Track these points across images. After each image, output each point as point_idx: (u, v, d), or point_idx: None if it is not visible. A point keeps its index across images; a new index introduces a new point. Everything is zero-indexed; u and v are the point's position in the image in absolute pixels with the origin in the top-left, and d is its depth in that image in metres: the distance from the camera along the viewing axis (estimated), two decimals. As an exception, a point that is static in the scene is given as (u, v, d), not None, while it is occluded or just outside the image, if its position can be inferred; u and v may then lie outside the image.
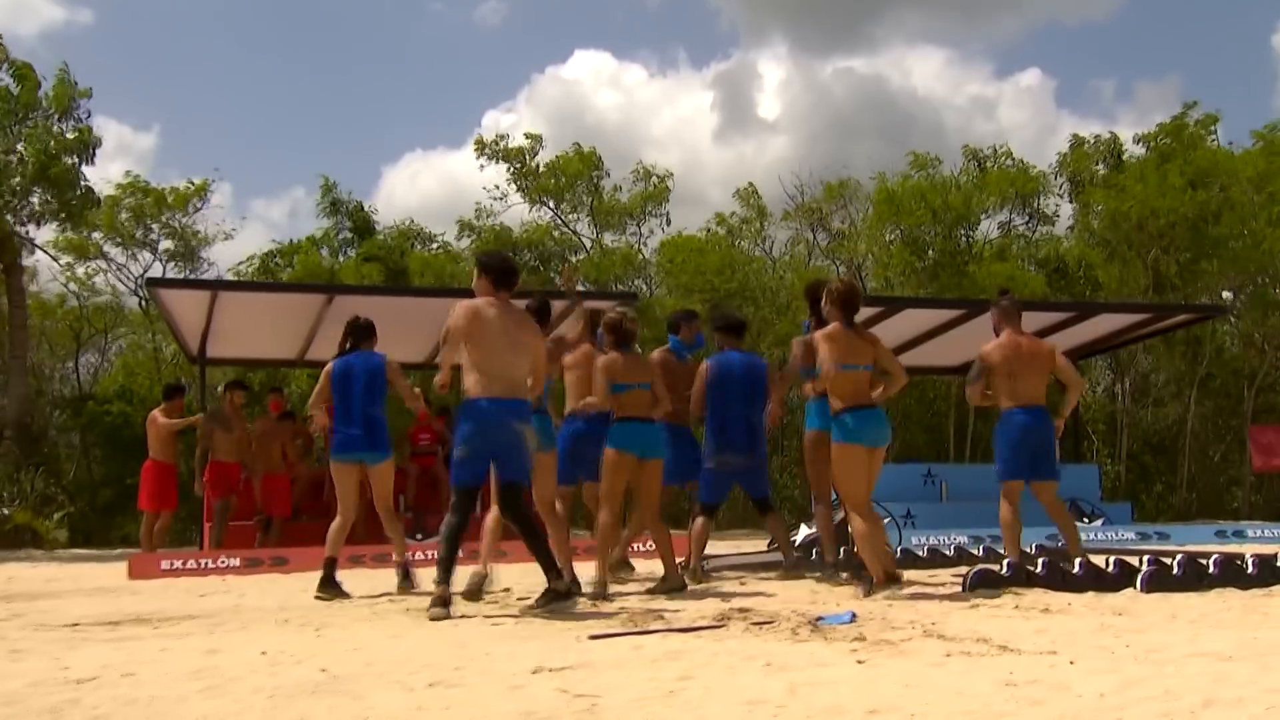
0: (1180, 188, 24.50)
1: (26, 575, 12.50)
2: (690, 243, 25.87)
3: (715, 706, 3.85)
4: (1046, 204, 27.65)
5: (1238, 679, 4.17)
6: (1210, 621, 5.99)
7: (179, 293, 14.27)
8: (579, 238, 27.51)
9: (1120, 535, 15.02)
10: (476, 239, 26.52)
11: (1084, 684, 4.09)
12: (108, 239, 26.61)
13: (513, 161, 27.24)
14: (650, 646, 5.25)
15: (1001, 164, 27.12)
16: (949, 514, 15.18)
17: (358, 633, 6.08)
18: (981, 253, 25.45)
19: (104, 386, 24.46)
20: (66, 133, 20.77)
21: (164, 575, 11.58)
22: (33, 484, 19.58)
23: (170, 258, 26.58)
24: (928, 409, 25.53)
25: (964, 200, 25.55)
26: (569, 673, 4.51)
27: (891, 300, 16.96)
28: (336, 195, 26.76)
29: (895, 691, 4.03)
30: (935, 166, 26.41)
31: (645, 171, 27.76)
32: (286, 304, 14.33)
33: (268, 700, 4.06)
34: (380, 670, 4.68)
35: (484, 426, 6.75)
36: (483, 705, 3.91)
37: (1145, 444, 27.30)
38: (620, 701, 3.91)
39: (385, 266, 24.15)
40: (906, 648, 5.11)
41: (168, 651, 5.50)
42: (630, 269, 26.21)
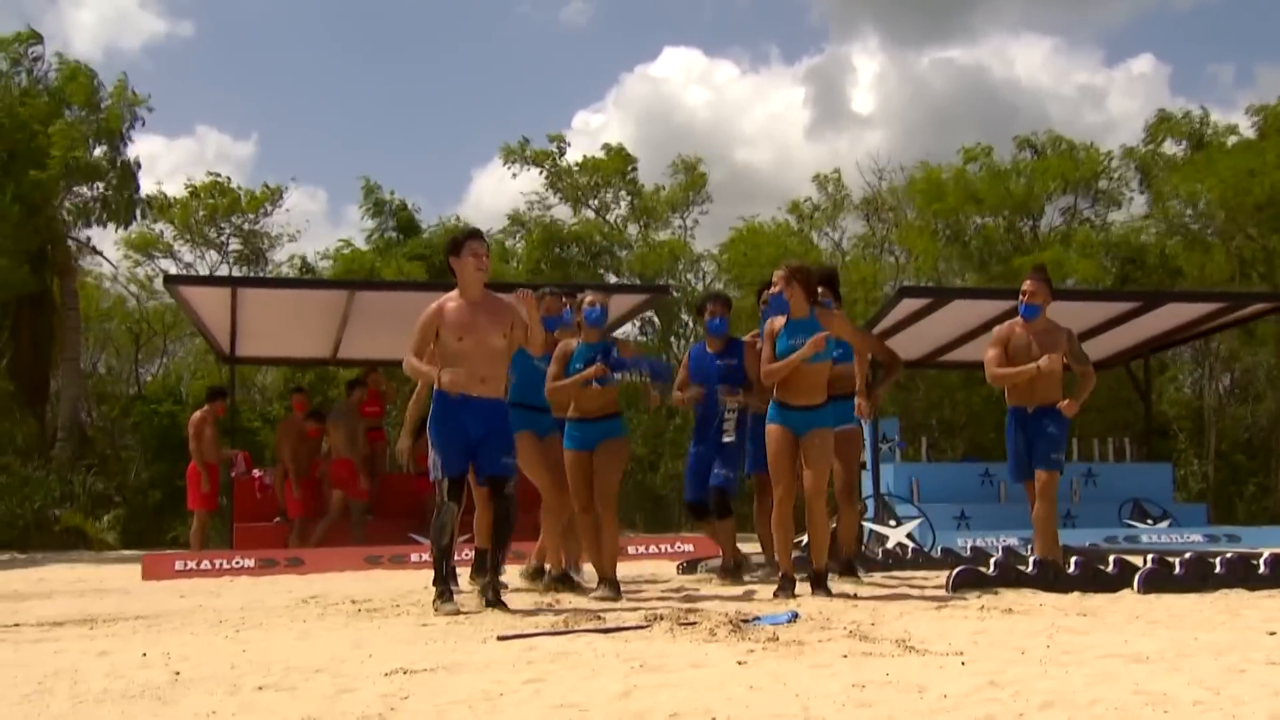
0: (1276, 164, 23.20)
1: (50, 576, 12.58)
2: (749, 236, 25.44)
3: (525, 710, 3.59)
4: (1115, 188, 26.58)
5: (1119, 681, 3.89)
6: (1175, 623, 5.64)
7: (202, 290, 14.30)
8: (624, 233, 27.21)
9: (1186, 537, 14.36)
10: (526, 235, 26.43)
11: (943, 685, 3.82)
12: (179, 237, 27.02)
13: (542, 165, 27.06)
14: (544, 648, 4.98)
15: (1061, 150, 26.14)
16: (1006, 515, 14.54)
17: (271, 635, 5.89)
18: (1044, 242, 24.64)
19: (154, 387, 24.82)
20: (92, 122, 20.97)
21: (177, 576, 11.54)
22: (85, 485, 19.93)
23: (238, 259, 26.96)
24: (996, 406, 24.73)
25: (1025, 189, 24.72)
26: (424, 675, 4.28)
27: (940, 291, 16.39)
28: (379, 196, 26.88)
29: (733, 693, 3.79)
30: (987, 156, 25.58)
31: (683, 163, 27.41)
32: (312, 301, 14.30)
33: (72, 706, 3.88)
34: (234, 674, 4.48)
35: None
36: (279, 711, 3.67)
37: (1236, 443, 26.15)
38: (425, 707, 3.68)
39: (430, 264, 24.13)
40: (813, 649, 4.82)
41: (60, 654, 5.37)
42: (676, 262, 25.88)
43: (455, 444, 6.70)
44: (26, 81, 21.63)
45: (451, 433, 6.69)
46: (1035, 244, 24.78)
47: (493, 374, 6.78)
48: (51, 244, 21.61)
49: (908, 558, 10.29)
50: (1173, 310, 15.50)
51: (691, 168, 26.96)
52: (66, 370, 21.98)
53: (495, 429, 6.75)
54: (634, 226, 26.77)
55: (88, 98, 21.20)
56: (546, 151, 27.24)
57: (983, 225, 25.18)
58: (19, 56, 21.63)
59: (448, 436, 6.70)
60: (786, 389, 7.24)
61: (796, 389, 7.22)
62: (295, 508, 13.66)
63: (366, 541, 12.97)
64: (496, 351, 6.78)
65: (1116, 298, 17.34)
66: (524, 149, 27.24)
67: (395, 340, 14.78)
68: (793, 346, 7.13)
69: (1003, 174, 25.07)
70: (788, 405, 7.24)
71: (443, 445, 6.73)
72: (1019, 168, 25.69)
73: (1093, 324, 15.50)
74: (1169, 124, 26.64)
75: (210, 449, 13.87)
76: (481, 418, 6.69)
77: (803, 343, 7.07)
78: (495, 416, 6.77)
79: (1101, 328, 15.54)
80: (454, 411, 6.67)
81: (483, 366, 6.70)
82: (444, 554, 6.78)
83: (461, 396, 6.64)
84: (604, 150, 27.48)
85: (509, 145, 27.33)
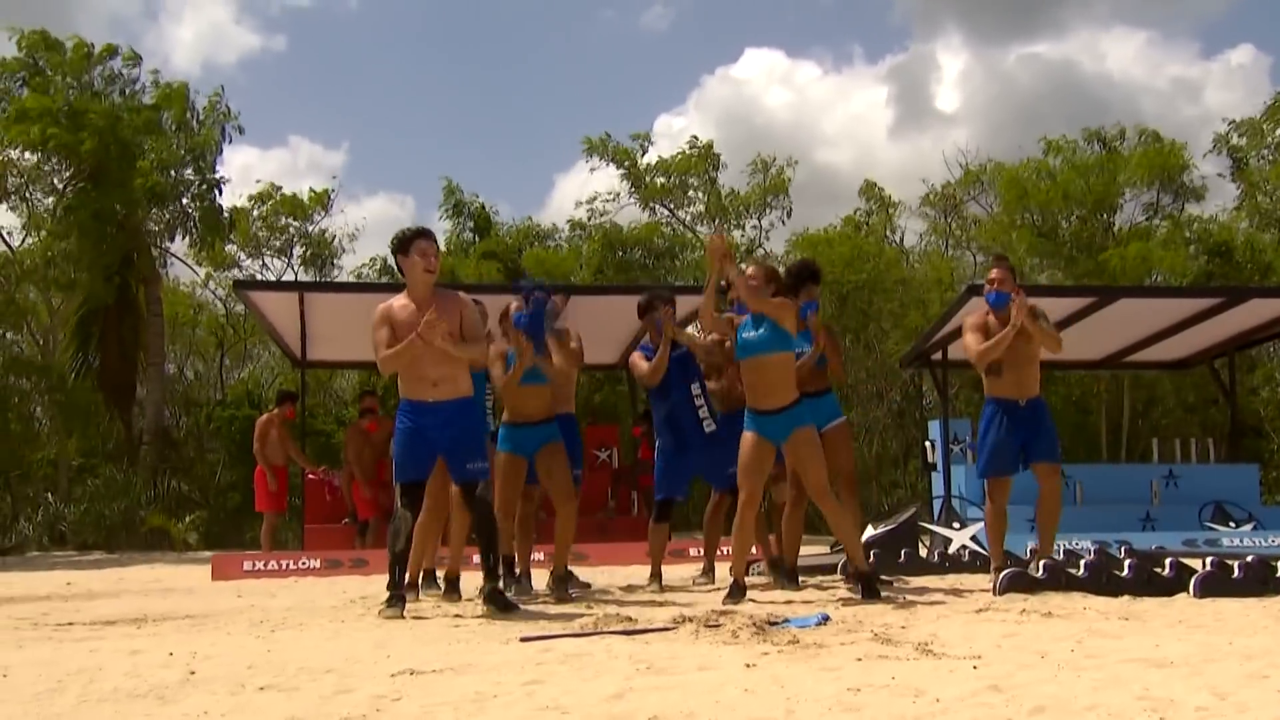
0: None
1: (128, 576, 12.85)
2: (815, 238, 25.21)
3: (510, 712, 3.58)
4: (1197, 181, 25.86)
5: (1133, 685, 3.78)
6: (1216, 627, 5.46)
7: (271, 296, 14.51)
8: (693, 233, 27.09)
9: (1272, 541, 13.94)
10: (586, 238, 26.46)
11: (942, 689, 3.72)
12: (244, 249, 27.49)
13: (621, 162, 27.02)
14: (560, 650, 4.97)
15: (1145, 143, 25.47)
16: (1083, 518, 14.20)
17: (303, 635, 5.95)
18: (1122, 237, 24.06)
19: (236, 392, 25.29)
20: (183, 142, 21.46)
21: (245, 576, 11.73)
22: (168, 488, 20.38)
23: (303, 263, 27.37)
24: (1075, 406, 24.26)
25: (1104, 183, 24.15)
26: (429, 676, 4.28)
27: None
28: (459, 197, 27.06)
29: (724, 696, 3.74)
30: (1072, 150, 25.03)
31: (763, 163, 27.12)
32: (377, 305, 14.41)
33: (76, 704, 3.95)
34: (247, 674, 4.52)
35: None
36: (268, 712, 3.70)
37: (1335, 443, 25.33)
38: (412, 709, 3.67)
39: (503, 264, 24.32)
40: (830, 652, 4.76)
41: (96, 652, 5.45)
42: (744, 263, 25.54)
43: (412, 450, 6.58)
44: (121, 100, 22.19)
45: (409, 439, 6.58)
46: (1111, 239, 24.23)
47: (444, 375, 6.56)
48: (137, 252, 22.13)
49: (965, 560, 10.10)
50: (1257, 306, 15.02)
51: (768, 167, 26.77)
52: (151, 375, 22.50)
53: (459, 433, 6.59)
54: (705, 228, 26.69)
55: (181, 118, 21.69)
56: (627, 149, 27.18)
57: (1070, 220, 24.64)
58: (112, 74, 22.20)
59: (404, 443, 6.60)
60: (753, 394, 7.08)
61: (762, 392, 7.05)
62: (364, 508, 13.80)
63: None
64: (445, 353, 6.51)
65: (1197, 294, 16.86)
66: (606, 144, 27.22)
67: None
68: (748, 339, 7.05)
69: (1083, 167, 24.53)
70: (760, 411, 7.07)
71: (400, 451, 6.62)
72: (1102, 161, 25.12)
73: (1173, 321, 15.12)
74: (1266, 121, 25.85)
75: (275, 451, 14.05)
76: (442, 422, 6.56)
77: (756, 335, 7.00)
78: (457, 419, 6.60)
79: (1182, 325, 15.15)
80: (411, 417, 6.58)
81: (432, 369, 6.53)
82: (398, 560, 6.70)
83: (416, 402, 6.55)
84: (689, 145, 27.42)
85: (591, 138, 27.33)
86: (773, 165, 26.72)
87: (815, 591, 7.82)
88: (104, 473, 20.59)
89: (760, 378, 7.07)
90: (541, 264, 25.01)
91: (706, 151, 26.82)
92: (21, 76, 21.10)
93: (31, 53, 21.21)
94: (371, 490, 13.78)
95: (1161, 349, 16.48)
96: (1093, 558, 8.32)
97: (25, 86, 21.02)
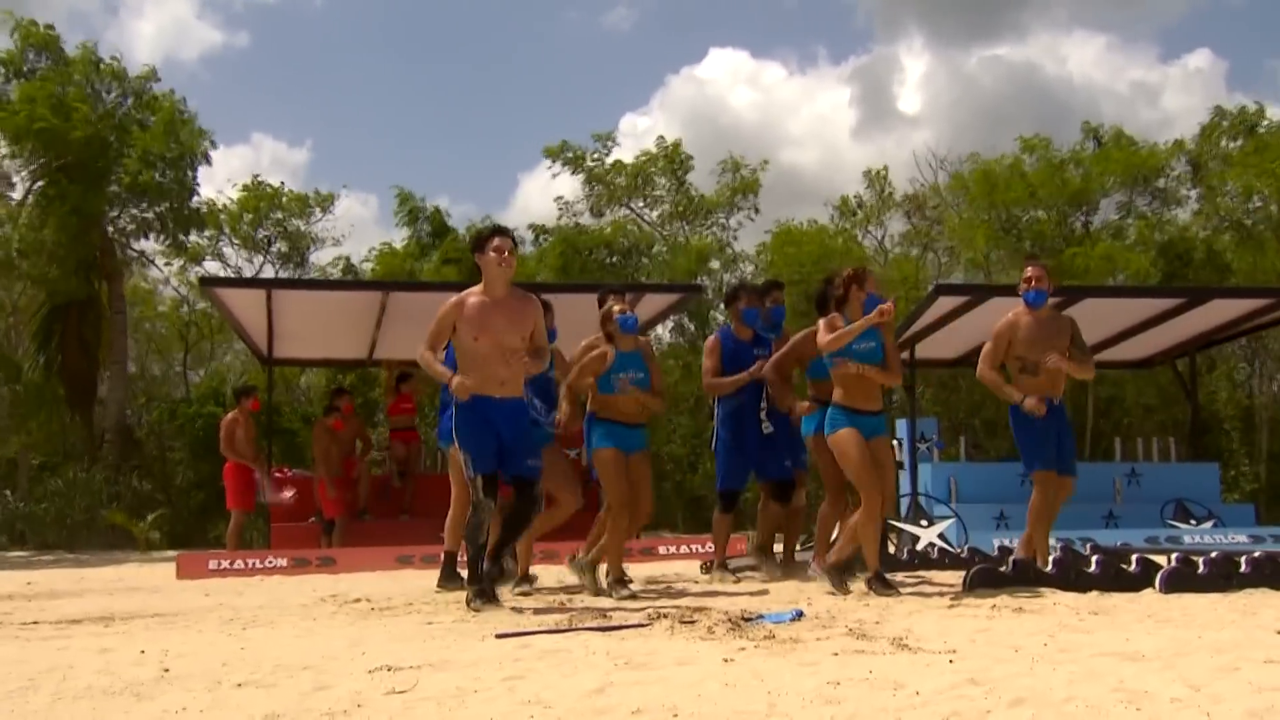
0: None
1: (91, 575, 12.73)
2: (790, 235, 25.26)
3: (492, 707, 3.57)
4: (1171, 185, 26.11)
5: (1108, 678, 3.83)
6: (1184, 622, 5.53)
7: (238, 292, 14.42)
8: (657, 232, 27.04)
9: (1231, 538, 14.09)
10: (549, 241, 26.38)
11: (921, 682, 3.75)
12: (228, 241, 27.33)
13: (582, 167, 26.98)
14: (537, 646, 4.97)
15: (1118, 144, 25.71)
16: (1047, 516, 14.28)
17: (275, 633, 5.93)
18: (1096, 237, 24.25)
19: (200, 390, 25.10)
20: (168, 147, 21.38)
21: (211, 575, 11.64)
22: (130, 486, 20.21)
23: (281, 260, 27.19)
24: (1040, 405, 24.37)
25: (1082, 180, 24.34)
26: (407, 673, 4.27)
27: (977, 289, 16.17)
28: (414, 204, 27.03)
29: (705, 690, 3.76)
30: (1045, 148, 25.22)
31: (734, 163, 27.17)
32: (348, 303, 14.38)
33: (52, 702, 3.91)
34: (222, 671, 4.49)
35: None
36: (247, 708, 3.68)
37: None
38: (392, 706, 3.67)
39: (463, 267, 24.31)
40: (806, 647, 4.77)
41: (65, 650, 5.41)
42: (707, 262, 25.74)
43: (485, 442, 6.63)
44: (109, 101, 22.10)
45: (480, 431, 6.63)
46: (1087, 238, 24.41)
47: (511, 376, 6.70)
48: (101, 250, 21.95)
49: (934, 557, 10.16)
50: (1219, 307, 15.20)
51: (739, 167, 26.79)
52: (114, 374, 22.32)
53: (520, 431, 6.72)
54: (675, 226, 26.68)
55: (167, 127, 21.59)
56: (582, 153, 27.14)
57: (1035, 219, 24.80)
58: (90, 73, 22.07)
59: (477, 435, 6.63)
60: (853, 393, 7.21)
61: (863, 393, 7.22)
62: (330, 507, 13.71)
63: (400, 541, 12.99)
64: (514, 354, 6.65)
65: (1161, 294, 17.03)
66: (564, 149, 27.19)
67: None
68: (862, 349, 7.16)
69: (1058, 166, 24.71)
70: (857, 410, 7.21)
71: (473, 444, 6.66)
72: (1077, 159, 25.30)
73: (1136, 321, 15.25)
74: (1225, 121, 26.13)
75: (244, 448, 13.98)
76: (506, 418, 6.66)
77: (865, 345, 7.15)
78: (519, 417, 6.75)
79: (1145, 325, 15.29)
80: (479, 411, 6.62)
81: (500, 368, 6.64)
82: (481, 553, 6.71)
83: (483, 398, 6.61)
84: (656, 146, 27.39)
85: (551, 146, 27.33)
86: (744, 166, 26.78)
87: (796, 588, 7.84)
88: (65, 471, 20.41)
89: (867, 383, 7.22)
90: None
91: (674, 151, 26.80)
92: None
93: (29, 45, 21.15)
94: (338, 489, 13.71)
95: (1125, 348, 16.62)
96: (1059, 554, 8.45)
97: (18, 78, 20.95)
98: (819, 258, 23.79)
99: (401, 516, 14.38)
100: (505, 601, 6.81)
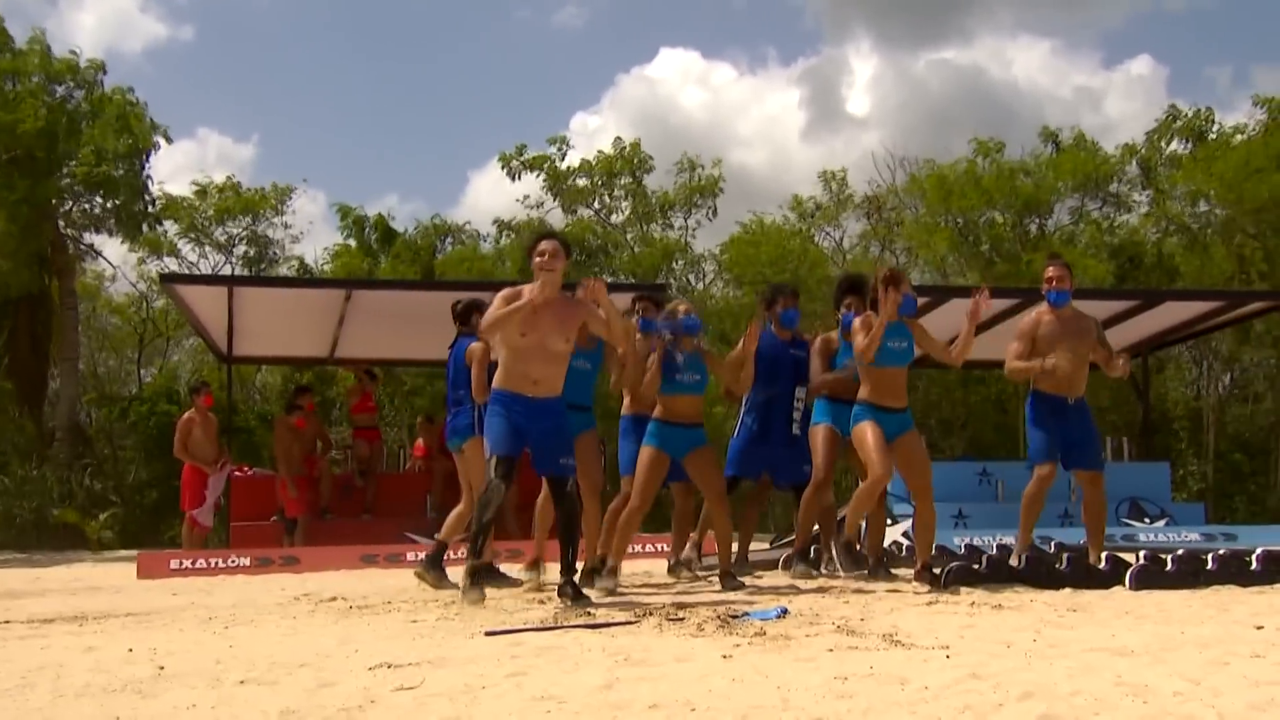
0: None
1: (46, 575, 12.58)
2: (749, 235, 25.38)
3: (505, 703, 3.58)
4: (1123, 190, 26.51)
5: (1101, 673, 3.89)
6: (1163, 618, 5.61)
7: (198, 289, 14.26)
8: (620, 233, 27.04)
9: (1184, 536, 14.33)
10: (515, 237, 26.29)
11: (925, 677, 3.82)
12: (184, 236, 27.04)
13: (541, 170, 26.97)
14: (530, 643, 4.98)
15: (1075, 147, 26.03)
16: (1004, 514, 14.47)
17: (259, 631, 5.89)
18: (1050, 242, 24.56)
19: (152, 387, 24.80)
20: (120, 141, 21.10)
21: (172, 574, 11.52)
22: (82, 484, 19.93)
23: (244, 261, 26.95)
24: (994, 405, 24.70)
25: (1035, 185, 24.68)
26: (408, 669, 4.27)
27: (939, 290, 16.34)
28: (354, 215, 26.89)
29: (714, 686, 3.79)
30: (1000, 152, 25.54)
31: (690, 163, 27.17)
32: (309, 301, 14.28)
33: (53, 699, 3.88)
34: (218, 669, 4.48)
35: None
36: (259, 705, 3.67)
37: (1237, 442, 26.09)
38: (404, 701, 3.68)
39: (420, 265, 24.29)
40: (799, 644, 4.82)
41: (48, 650, 5.36)
42: (672, 261, 25.84)
43: (508, 427, 6.61)
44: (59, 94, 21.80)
45: (504, 420, 6.62)
46: (1042, 242, 24.71)
47: (546, 375, 6.70)
48: (52, 245, 21.65)
49: (901, 555, 10.27)
50: (1171, 309, 15.49)
51: (695, 166, 26.88)
52: (65, 370, 22.01)
53: (553, 429, 6.73)
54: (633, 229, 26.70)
55: (120, 119, 21.30)
56: (545, 155, 27.09)
57: (990, 222, 25.09)
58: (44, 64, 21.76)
59: (501, 421, 6.63)
60: (880, 391, 7.38)
61: (888, 391, 7.40)
62: (293, 506, 13.60)
63: (363, 540, 12.93)
64: (556, 354, 6.74)
65: (1116, 296, 17.31)
66: (520, 153, 27.13)
67: (391, 339, 14.99)
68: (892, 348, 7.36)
69: (1011, 171, 25.01)
70: (882, 407, 7.37)
71: (496, 427, 6.65)
72: (1027, 166, 25.62)
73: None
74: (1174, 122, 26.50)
75: (201, 450, 13.82)
76: (536, 416, 6.65)
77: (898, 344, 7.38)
78: (551, 416, 6.73)
79: (1102, 326, 15.52)
80: (509, 406, 6.64)
81: (538, 367, 6.67)
82: (483, 530, 6.70)
83: (515, 395, 6.63)
84: (614, 146, 27.35)
85: (505, 153, 27.25)
86: (700, 167, 26.86)
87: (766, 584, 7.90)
88: (14, 470, 20.09)
89: (896, 381, 7.42)
90: (463, 262, 24.89)
91: (634, 151, 26.80)
92: None
93: None
94: (300, 488, 13.61)
95: (1078, 350, 16.90)
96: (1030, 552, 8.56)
97: None
98: (777, 259, 23.95)
99: (364, 516, 14.29)
100: (490, 597, 6.84)
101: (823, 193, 28.34)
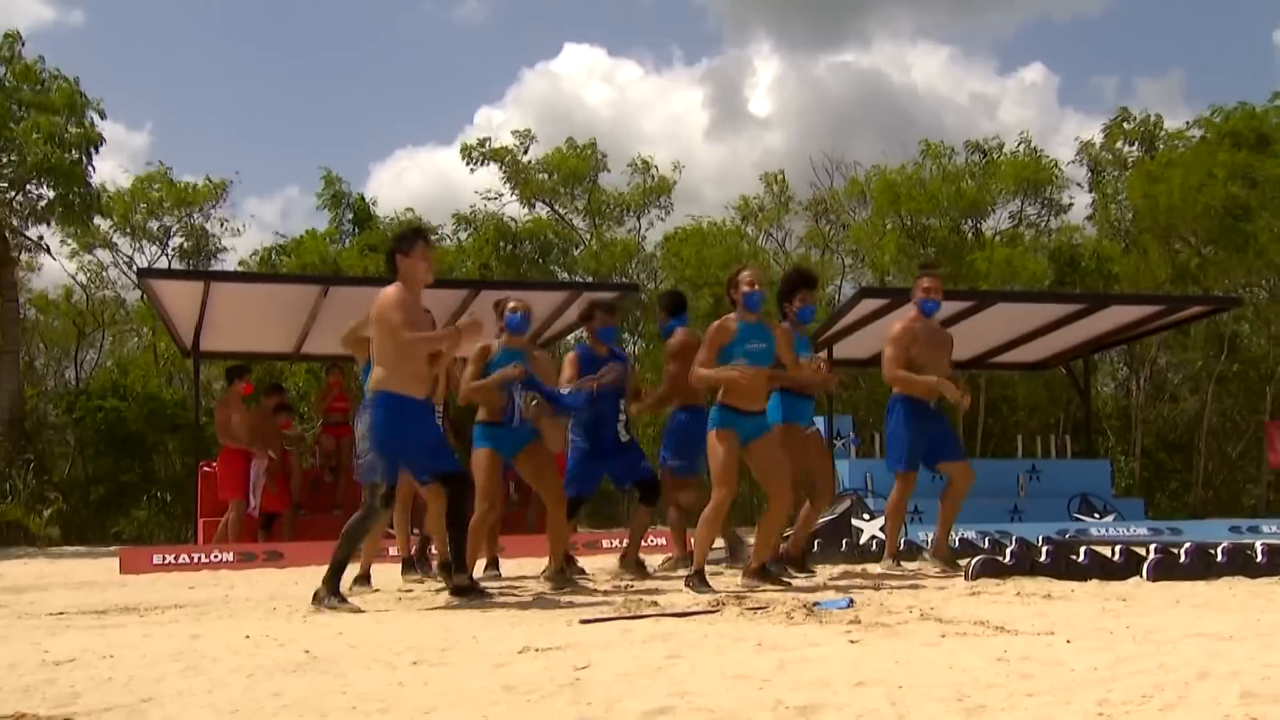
0: (1223, 178, 23.93)
1: (15, 571, 12.39)
2: (694, 234, 25.72)
3: (700, 680, 3.75)
4: (1061, 194, 27.34)
5: (1236, 656, 4.08)
6: (1214, 606, 5.89)
7: (172, 284, 14.13)
8: (576, 232, 27.28)
9: (1133, 531, 14.87)
10: (474, 232, 26.31)
11: (1078, 660, 4.00)
12: (117, 229, 26.55)
13: (503, 161, 27.04)
14: (640, 630, 5.15)
15: (1012, 155, 26.77)
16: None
17: (344, 619, 5.98)
18: (989, 243, 25.22)
19: (98, 382, 24.32)
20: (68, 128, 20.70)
21: (155, 570, 11.50)
22: (24, 480, 19.51)
23: (180, 254, 26.54)
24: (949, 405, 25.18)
25: (976, 190, 25.36)
26: (555, 653, 4.42)
27: (900, 293, 16.69)
28: (339, 188, 26.71)
29: (885, 667, 3.93)
30: (949, 156, 26.20)
31: (644, 164, 27.54)
32: (282, 296, 14.18)
33: (246, 679, 3.98)
34: (364, 651, 4.58)
35: None
36: (464, 681, 3.82)
37: (1161, 440, 27.01)
38: (606, 676, 3.84)
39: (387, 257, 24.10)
40: (901, 630, 5.01)
41: (150, 637, 5.39)
42: (630, 261, 26.10)
43: (410, 449, 6.50)
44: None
45: (409, 436, 6.47)
46: (980, 245, 25.37)
47: (428, 375, 6.70)
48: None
49: (873, 550, 10.60)
50: (1114, 312, 16.13)
51: (649, 167, 27.14)
52: (6, 363, 21.48)
53: (438, 431, 7.01)
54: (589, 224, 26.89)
55: (70, 106, 20.85)
56: (507, 148, 27.14)
57: (933, 225, 25.72)
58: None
59: (406, 440, 6.46)
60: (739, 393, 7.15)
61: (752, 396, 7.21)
62: (270, 502, 13.48)
63: (335, 535, 12.74)
64: (437, 355, 6.73)
65: (1064, 299, 17.91)
66: (482, 145, 27.18)
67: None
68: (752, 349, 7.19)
69: (955, 175, 25.62)
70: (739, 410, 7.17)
71: (399, 449, 6.48)
72: (972, 170, 26.30)
73: (1038, 325, 16.07)
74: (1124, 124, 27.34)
75: (245, 435, 13.22)
76: (426, 419, 6.66)
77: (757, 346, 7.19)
78: (433, 417, 6.96)
79: (1046, 329, 16.12)
80: (410, 414, 6.47)
81: (423, 367, 6.60)
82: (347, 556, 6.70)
83: (406, 398, 6.48)
84: (568, 146, 27.43)
85: (467, 143, 27.38)
86: (654, 168, 27.13)
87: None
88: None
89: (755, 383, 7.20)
90: (433, 258, 24.78)
91: (589, 150, 26.97)
92: None
93: None
94: (278, 484, 13.53)
95: (1025, 351, 17.47)
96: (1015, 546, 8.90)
97: None
98: (725, 260, 24.25)
99: (335, 511, 14.22)
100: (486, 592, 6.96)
101: (765, 194, 28.80)
